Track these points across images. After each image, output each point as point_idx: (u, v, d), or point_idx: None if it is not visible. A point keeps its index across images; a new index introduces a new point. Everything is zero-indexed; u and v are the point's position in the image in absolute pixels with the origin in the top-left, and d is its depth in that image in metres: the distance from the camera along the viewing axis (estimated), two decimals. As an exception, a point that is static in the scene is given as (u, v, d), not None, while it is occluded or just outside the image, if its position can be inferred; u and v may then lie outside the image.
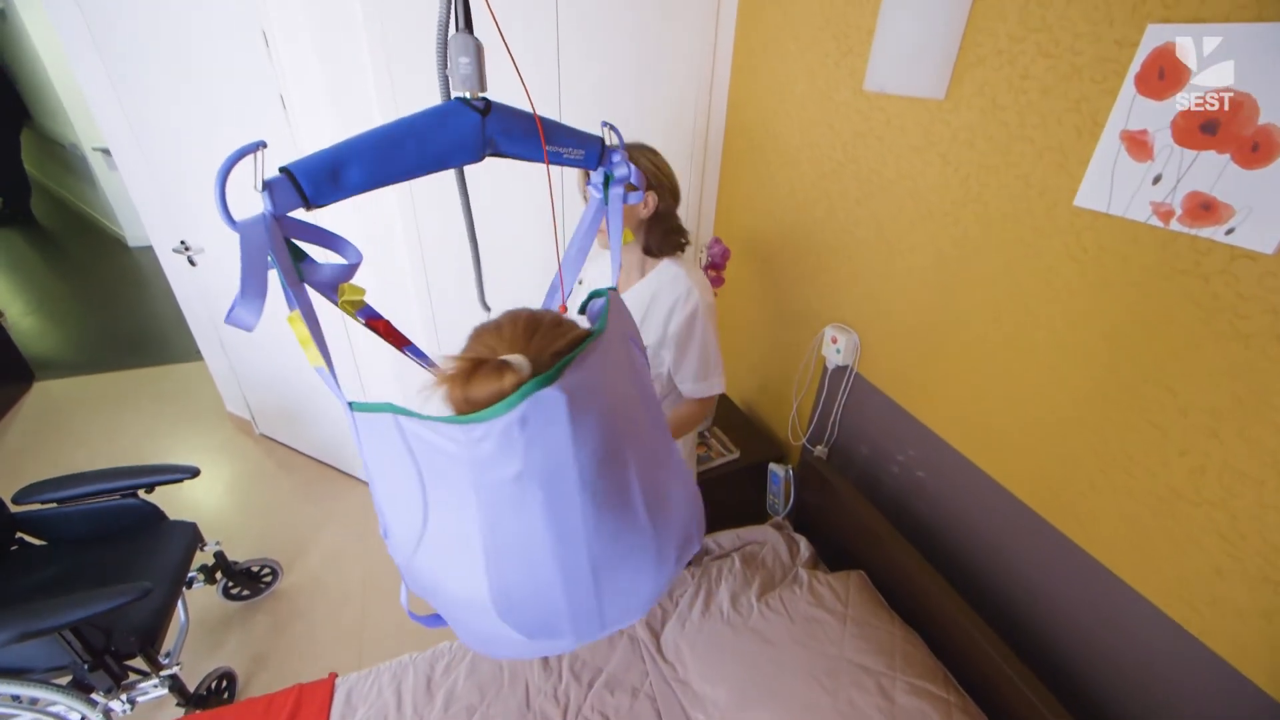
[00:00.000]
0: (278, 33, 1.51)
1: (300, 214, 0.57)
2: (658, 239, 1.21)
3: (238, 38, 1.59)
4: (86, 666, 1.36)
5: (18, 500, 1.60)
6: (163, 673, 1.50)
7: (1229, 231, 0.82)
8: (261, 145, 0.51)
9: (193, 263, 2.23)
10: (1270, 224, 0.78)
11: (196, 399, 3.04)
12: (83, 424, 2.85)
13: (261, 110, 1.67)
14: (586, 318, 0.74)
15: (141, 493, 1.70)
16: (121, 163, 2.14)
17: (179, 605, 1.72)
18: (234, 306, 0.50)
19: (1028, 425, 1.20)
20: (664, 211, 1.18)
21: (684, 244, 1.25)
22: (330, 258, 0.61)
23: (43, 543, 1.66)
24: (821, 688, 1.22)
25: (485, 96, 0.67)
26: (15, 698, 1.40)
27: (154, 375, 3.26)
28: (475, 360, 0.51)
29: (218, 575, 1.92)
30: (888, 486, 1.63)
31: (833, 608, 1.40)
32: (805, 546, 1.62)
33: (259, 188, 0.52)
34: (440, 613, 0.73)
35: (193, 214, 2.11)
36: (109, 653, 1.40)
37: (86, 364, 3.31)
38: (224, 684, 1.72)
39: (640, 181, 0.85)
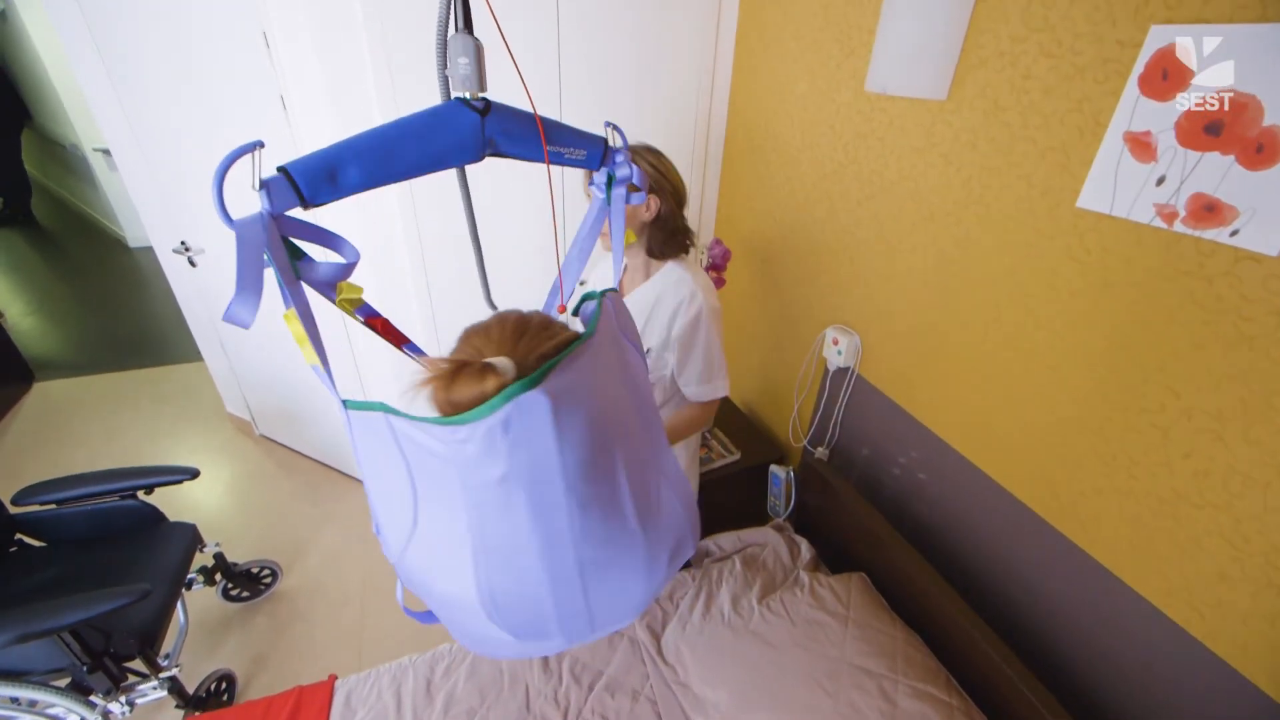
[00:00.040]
0: (278, 33, 1.51)
1: (298, 213, 0.57)
2: (660, 242, 1.20)
3: (238, 38, 1.58)
4: (85, 668, 1.36)
5: (17, 501, 1.59)
6: (162, 674, 1.49)
7: (1233, 233, 0.81)
8: (259, 145, 0.52)
9: (193, 263, 2.22)
10: (1275, 226, 0.77)
11: (196, 400, 3.04)
12: (83, 425, 2.85)
13: (262, 111, 1.67)
14: (580, 320, 0.73)
15: (141, 494, 1.70)
16: (122, 163, 2.14)
17: (178, 607, 1.71)
18: (231, 304, 0.50)
19: (1029, 427, 1.20)
20: (666, 214, 1.17)
21: (689, 245, 1.24)
22: (329, 256, 0.61)
23: (42, 544, 1.66)
24: (823, 690, 1.22)
25: (485, 97, 0.67)
26: (14, 700, 1.40)
27: (154, 376, 3.26)
28: (459, 362, 0.51)
29: (217, 577, 1.92)
30: (889, 488, 1.62)
31: (834, 610, 1.40)
32: (806, 548, 1.62)
33: (256, 187, 0.53)
34: (433, 610, 0.73)
35: (193, 215, 2.11)
36: (108, 654, 1.39)
37: (86, 364, 3.31)
38: (223, 686, 1.72)
39: (642, 183, 0.84)
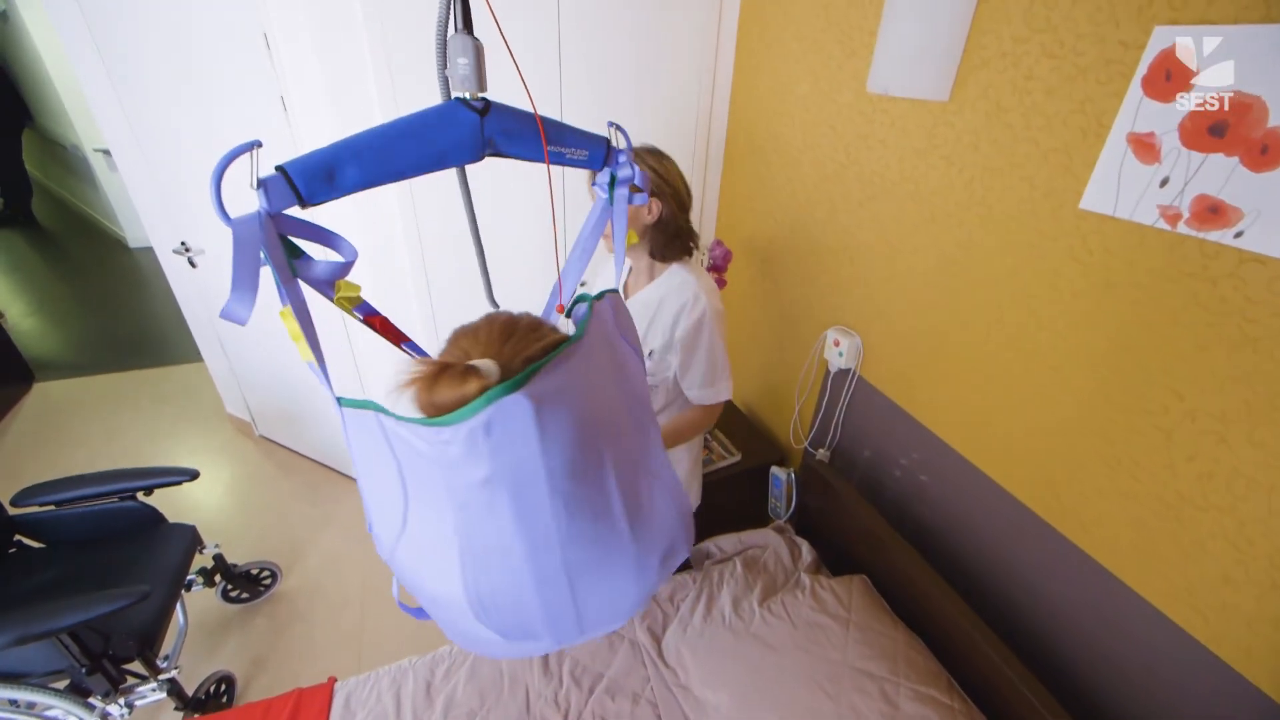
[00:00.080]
0: (278, 33, 1.51)
1: (297, 212, 0.58)
2: (661, 244, 1.19)
3: (238, 38, 1.58)
4: (84, 670, 1.35)
5: (16, 503, 1.59)
6: (161, 676, 1.49)
7: (1238, 235, 0.81)
8: (256, 144, 0.52)
9: (193, 264, 2.22)
10: (1280, 227, 0.77)
11: (196, 400, 3.04)
12: (83, 425, 2.85)
13: (262, 111, 1.67)
14: (572, 322, 0.73)
15: (140, 495, 1.69)
16: (122, 164, 2.13)
17: (177, 608, 1.71)
18: (227, 301, 0.51)
19: (1031, 429, 1.19)
20: (668, 218, 1.16)
21: (692, 248, 1.24)
22: (328, 255, 0.62)
23: (41, 545, 1.66)
24: (824, 694, 1.22)
25: (485, 96, 0.66)
26: (13, 702, 1.39)
27: (154, 376, 3.26)
28: (441, 364, 0.51)
29: (217, 578, 1.91)
30: (890, 490, 1.62)
31: (835, 613, 1.39)
32: (807, 550, 1.61)
33: (254, 186, 0.53)
34: (424, 608, 0.73)
35: (193, 215, 2.11)
36: (107, 656, 1.39)
37: (87, 365, 3.31)
38: (222, 688, 1.71)
39: (645, 185, 0.84)
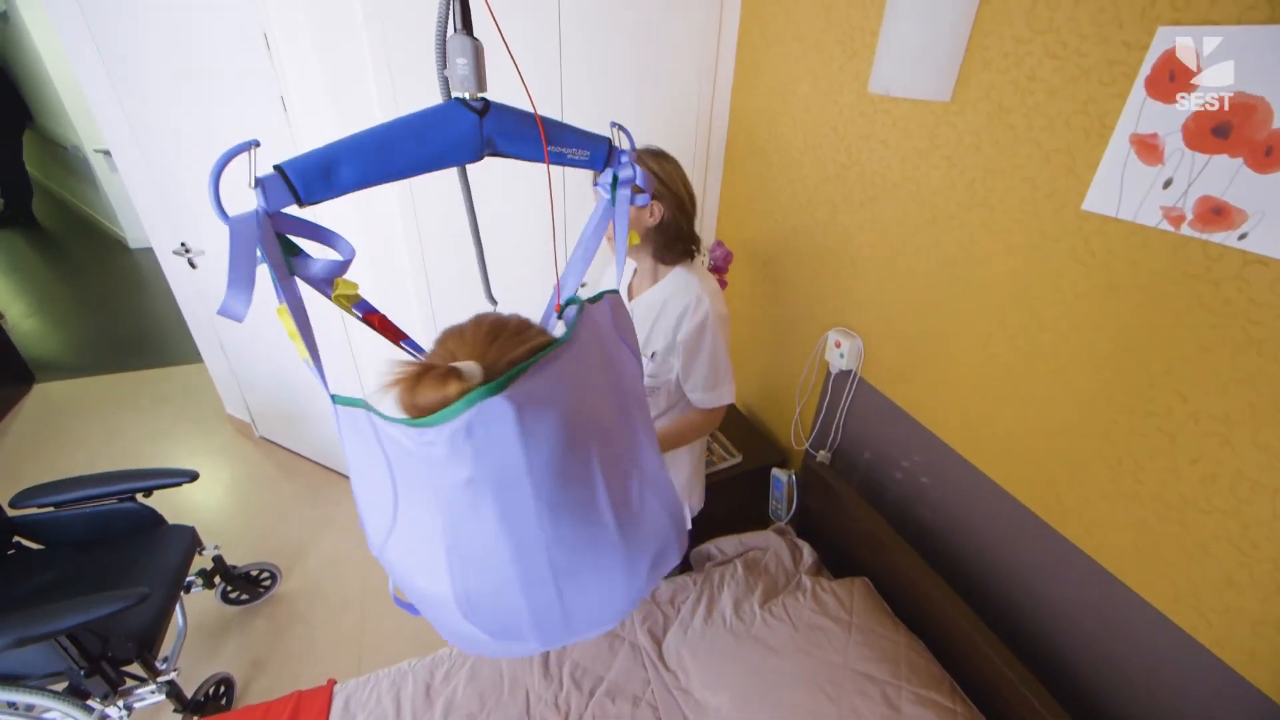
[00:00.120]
0: (278, 33, 1.50)
1: (295, 211, 0.58)
2: (661, 247, 1.19)
3: (238, 38, 1.58)
4: (83, 673, 1.35)
5: (15, 504, 1.58)
6: (160, 679, 1.48)
7: (1241, 237, 0.80)
8: (254, 144, 0.53)
9: (193, 265, 2.22)
10: (1284, 229, 0.76)
11: (196, 401, 3.03)
12: (82, 426, 2.84)
13: (262, 111, 1.66)
14: (564, 323, 0.73)
15: (140, 496, 1.69)
16: (122, 165, 2.13)
17: (177, 610, 1.71)
18: (224, 298, 0.51)
19: (1033, 430, 1.19)
20: (669, 221, 1.15)
21: (693, 251, 1.23)
22: (327, 253, 0.62)
23: (40, 547, 1.65)
24: (826, 697, 1.21)
25: (485, 97, 0.66)
26: (11, 704, 1.39)
27: (154, 377, 3.26)
28: (423, 366, 0.51)
29: (216, 579, 1.90)
30: (891, 492, 1.61)
31: (837, 615, 1.39)
32: (808, 553, 1.61)
33: (252, 185, 0.54)
34: (415, 605, 0.73)
35: (193, 216, 2.10)
36: (106, 659, 1.38)
37: (87, 366, 3.30)
38: (222, 690, 1.71)
39: (647, 186, 0.84)
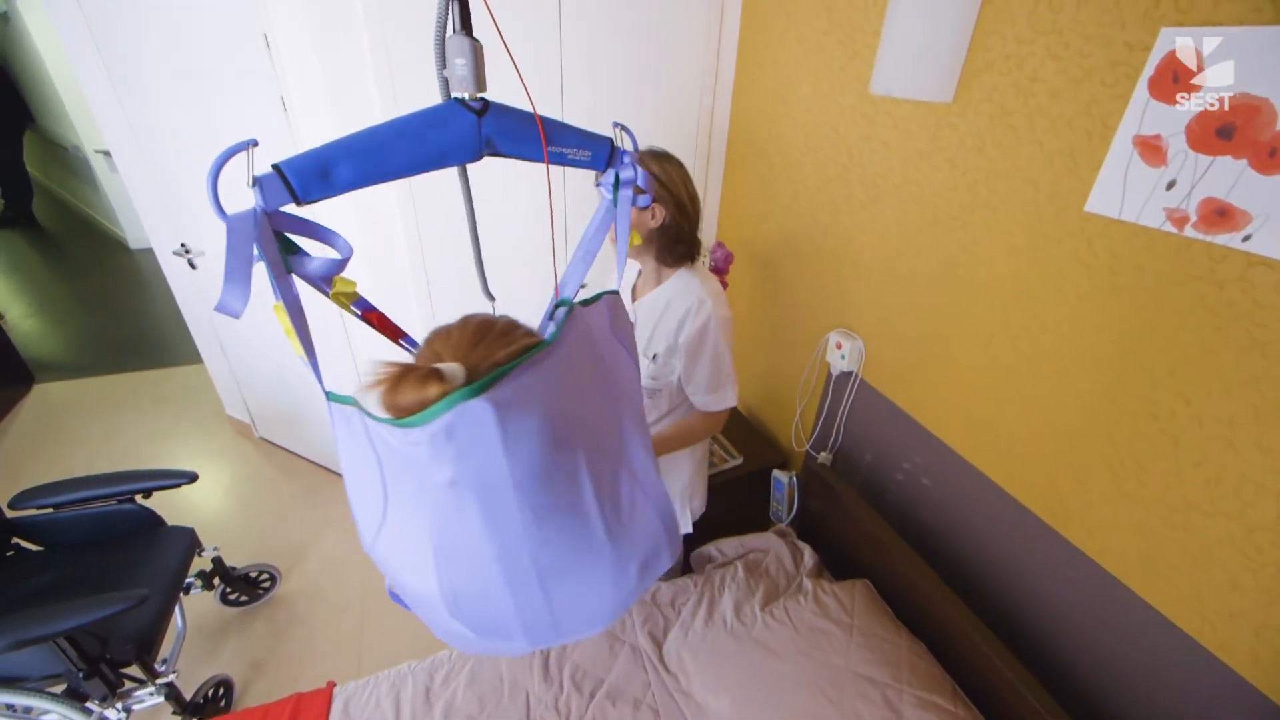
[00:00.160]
0: (278, 33, 1.50)
1: (294, 209, 0.58)
2: (661, 249, 1.18)
3: (238, 38, 1.58)
4: (81, 675, 1.34)
5: (14, 505, 1.58)
6: (159, 681, 1.48)
7: (1245, 238, 0.80)
8: (253, 143, 0.54)
9: (193, 265, 2.21)
10: (1289, 230, 0.76)
11: (196, 402, 3.03)
12: (82, 426, 2.84)
13: (262, 111, 1.66)
14: (554, 325, 0.73)
15: (139, 497, 1.68)
16: (122, 165, 2.13)
17: (176, 612, 1.70)
18: (221, 294, 0.51)
19: (1035, 432, 1.19)
20: (670, 224, 1.14)
21: (694, 255, 1.23)
22: (326, 251, 0.62)
23: (39, 548, 1.65)
24: (827, 699, 1.21)
25: (484, 97, 0.66)
26: (9, 706, 1.38)
27: (154, 378, 3.25)
28: (404, 367, 0.51)
29: (215, 581, 1.90)
30: (892, 494, 1.61)
31: (838, 618, 1.38)
32: (809, 554, 1.60)
33: (250, 184, 0.54)
34: (406, 601, 0.73)
35: (193, 216, 2.10)
36: (104, 660, 1.38)
37: (87, 366, 3.30)
38: (221, 692, 1.70)
39: (648, 187, 0.83)
